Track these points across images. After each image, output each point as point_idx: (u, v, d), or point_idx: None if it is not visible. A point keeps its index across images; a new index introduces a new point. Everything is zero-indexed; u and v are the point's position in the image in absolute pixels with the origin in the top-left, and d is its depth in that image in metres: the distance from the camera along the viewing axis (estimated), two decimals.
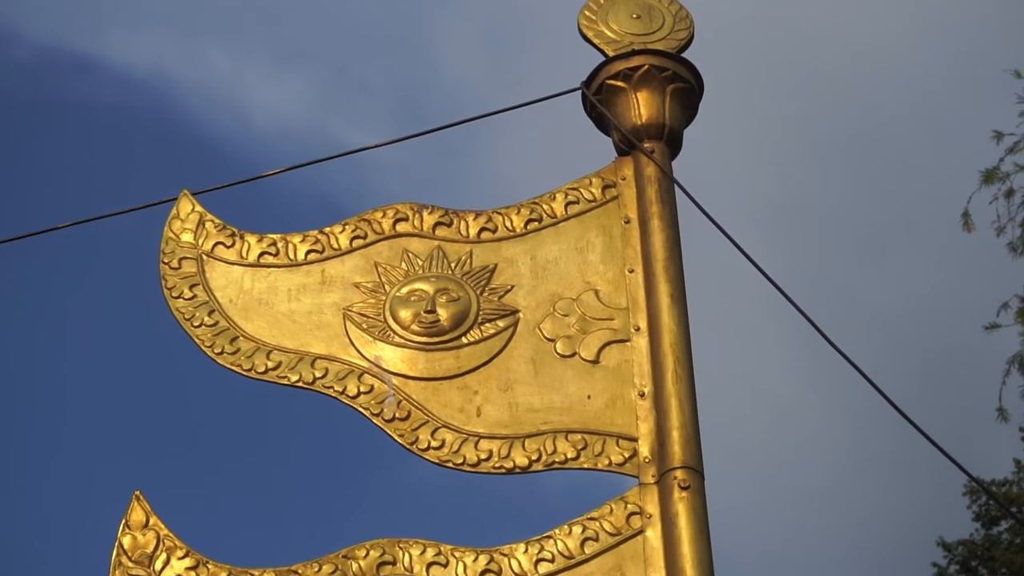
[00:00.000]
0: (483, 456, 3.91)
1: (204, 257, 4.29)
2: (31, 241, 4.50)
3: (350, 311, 4.16)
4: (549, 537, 3.80)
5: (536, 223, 4.31)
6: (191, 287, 4.22)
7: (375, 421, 3.98)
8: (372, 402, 4.00)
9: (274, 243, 4.30)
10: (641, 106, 4.33)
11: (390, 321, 4.13)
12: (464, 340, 4.10)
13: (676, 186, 4.29)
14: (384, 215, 4.34)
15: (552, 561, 3.76)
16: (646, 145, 4.32)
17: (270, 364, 4.07)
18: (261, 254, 4.28)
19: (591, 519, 3.82)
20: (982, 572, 22.11)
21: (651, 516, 3.79)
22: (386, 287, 4.20)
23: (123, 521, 3.81)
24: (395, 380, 4.04)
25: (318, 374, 4.04)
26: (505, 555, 3.78)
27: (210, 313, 4.17)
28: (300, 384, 4.04)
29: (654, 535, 3.77)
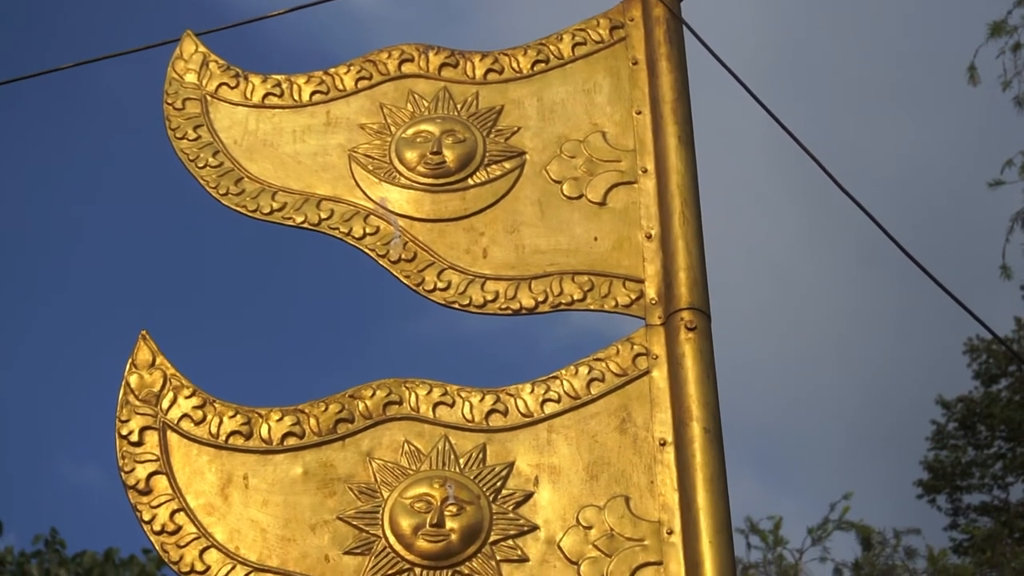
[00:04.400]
0: (489, 297, 3.91)
1: (208, 98, 4.26)
2: (36, 82, 4.47)
3: (355, 152, 4.13)
4: (555, 378, 3.81)
5: (543, 64, 4.27)
6: (195, 128, 4.20)
7: (381, 262, 3.97)
8: (378, 243, 3.99)
9: (278, 84, 4.27)
10: None
11: (396, 162, 4.10)
12: (470, 182, 4.08)
13: (685, 27, 4.24)
14: (389, 56, 4.30)
15: (558, 401, 3.77)
16: None
17: (275, 205, 4.05)
18: (266, 95, 4.25)
19: (597, 360, 3.82)
20: (981, 429, 22.30)
21: (657, 357, 3.80)
22: (392, 128, 4.17)
23: (129, 360, 3.81)
24: (401, 221, 4.02)
25: (324, 215, 4.03)
26: (511, 395, 3.79)
27: (215, 154, 4.15)
28: (306, 225, 4.03)
29: (660, 376, 3.77)
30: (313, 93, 4.24)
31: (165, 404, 3.76)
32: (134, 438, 3.72)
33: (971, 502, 22.20)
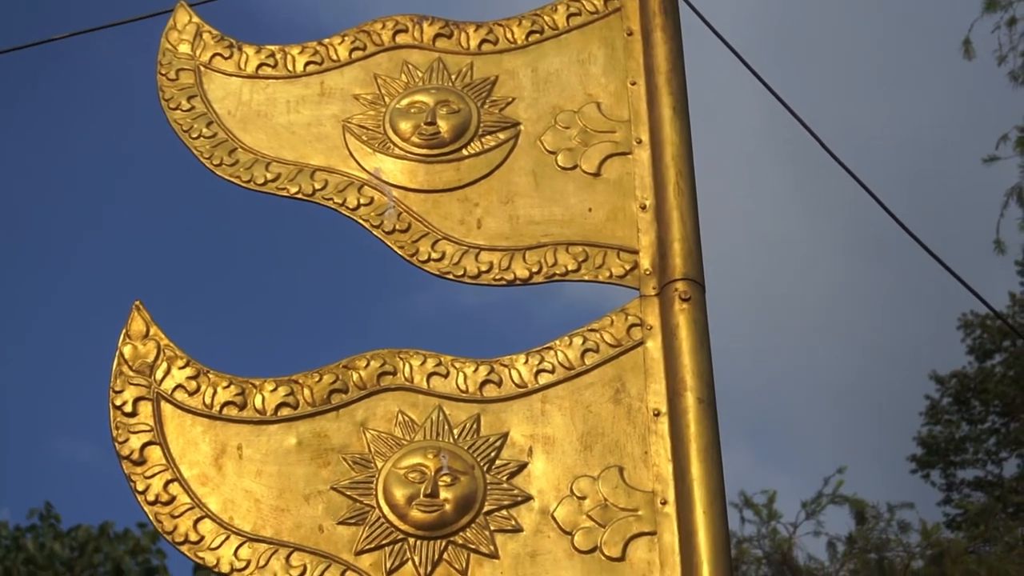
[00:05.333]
0: (483, 268, 3.90)
1: (202, 69, 4.25)
2: (30, 53, 4.46)
3: (349, 123, 4.12)
4: (549, 348, 3.80)
5: (538, 35, 4.26)
6: (189, 99, 4.19)
7: (375, 233, 3.96)
8: (372, 214, 3.98)
9: (272, 55, 4.26)
10: None
11: (390, 133, 4.09)
12: (465, 152, 4.07)
13: None
14: (383, 26, 4.29)
15: (552, 372, 3.77)
16: None
17: (269, 176, 4.05)
18: (259, 65, 4.24)
19: (591, 331, 3.82)
20: (975, 404, 22.34)
21: (652, 327, 3.79)
22: (386, 99, 4.16)
23: (123, 330, 3.81)
24: (395, 192, 4.01)
25: (318, 186, 4.02)
26: (505, 366, 3.78)
27: (208, 125, 4.14)
28: (299, 196, 4.02)
29: (654, 346, 3.77)
30: (307, 64, 4.23)
31: (159, 375, 3.76)
32: (128, 408, 3.71)
33: (965, 477, 22.27)
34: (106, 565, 21.98)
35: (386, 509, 3.59)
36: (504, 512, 3.60)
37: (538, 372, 3.77)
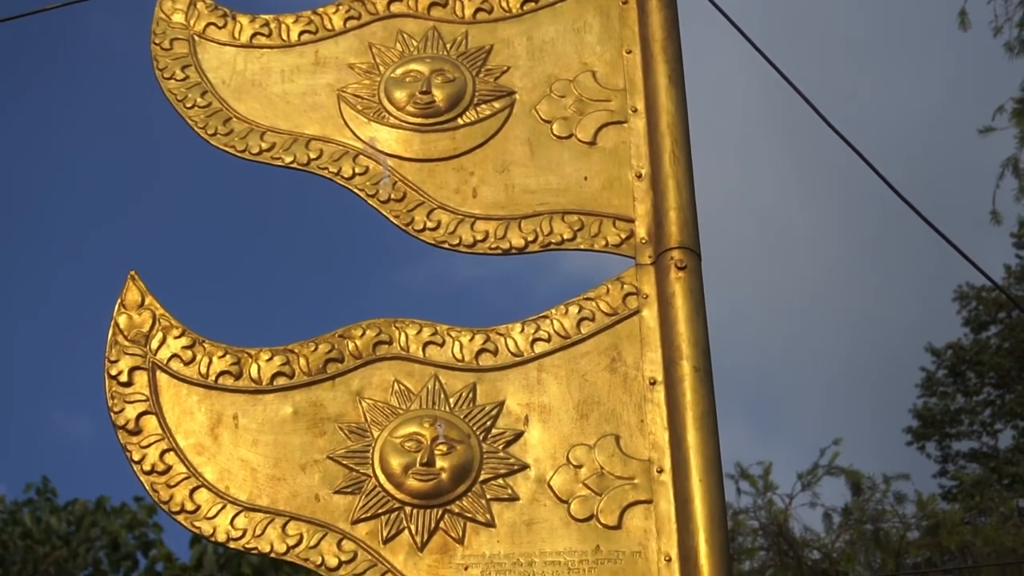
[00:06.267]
0: (479, 237, 3.90)
1: (196, 38, 4.23)
2: (21, 23, 4.44)
3: (344, 92, 4.11)
4: (545, 317, 3.80)
5: (533, 4, 4.24)
6: (183, 68, 4.18)
7: (370, 202, 3.95)
8: (367, 183, 3.97)
9: (267, 24, 4.24)
10: None
11: (385, 102, 4.08)
12: (460, 121, 4.06)
13: None
14: None
15: (548, 340, 3.77)
16: None
17: (264, 145, 4.03)
18: (254, 35, 4.22)
19: (587, 299, 3.81)
20: (970, 376, 22.37)
21: (647, 296, 3.79)
22: (380, 68, 4.15)
23: (119, 300, 3.80)
24: (390, 161, 4.00)
25: (312, 155, 4.01)
26: (501, 335, 3.78)
27: (203, 94, 4.12)
28: (294, 165, 4.01)
29: (650, 315, 3.77)
30: (301, 33, 4.21)
31: (154, 344, 3.75)
32: (123, 378, 3.71)
33: (960, 449, 22.31)
34: (103, 539, 22.03)
35: (382, 478, 3.59)
36: (500, 481, 3.60)
37: (534, 341, 3.77)
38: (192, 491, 3.60)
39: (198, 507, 3.59)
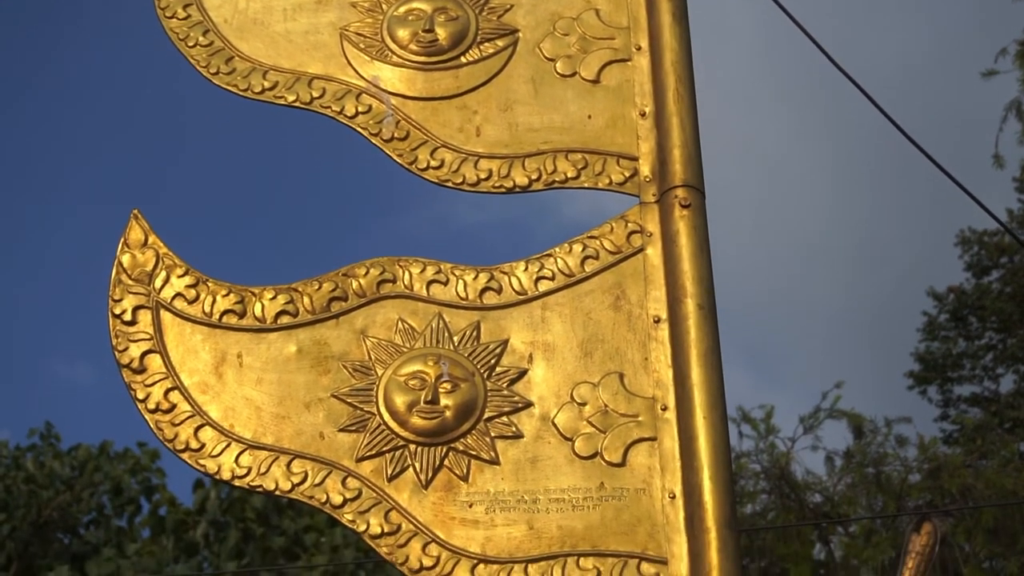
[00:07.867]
0: (483, 175, 3.89)
1: None
2: None
3: (347, 31, 4.09)
4: (549, 255, 3.80)
5: None
6: (185, 7, 4.15)
7: (373, 141, 3.94)
8: (370, 122, 3.96)
9: None
10: None
11: (388, 41, 4.06)
12: (463, 60, 4.04)
13: None
14: None
15: (552, 279, 3.76)
16: None
17: (267, 84, 4.02)
18: None
19: (591, 237, 3.81)
20: (972, 321, 22.39)
21: (651, 234, 3.78)
22: (383, 6, 4.12)
23: (122, 239, 3.79)
24: (393, 100, 3.99)
25: (315, 94, 4.00)
26: (505, 273, 3.78)
27: (204, 33, 4.10)
28: (297, 104, 3.99)
29: (654, 253, 3.76)
30: None
31: (158, 283, 3.75)
32: (127, 317, 3.71)
33: (961, 393, 22.37)
34: (106, 484, 22.12)
35: (386, 416, 3.59)
36: (504, 419, 3.60)
37: (538, 279, 3.76)
38: (197, 429, 3.60)
39: (203, 445, 3.59)
